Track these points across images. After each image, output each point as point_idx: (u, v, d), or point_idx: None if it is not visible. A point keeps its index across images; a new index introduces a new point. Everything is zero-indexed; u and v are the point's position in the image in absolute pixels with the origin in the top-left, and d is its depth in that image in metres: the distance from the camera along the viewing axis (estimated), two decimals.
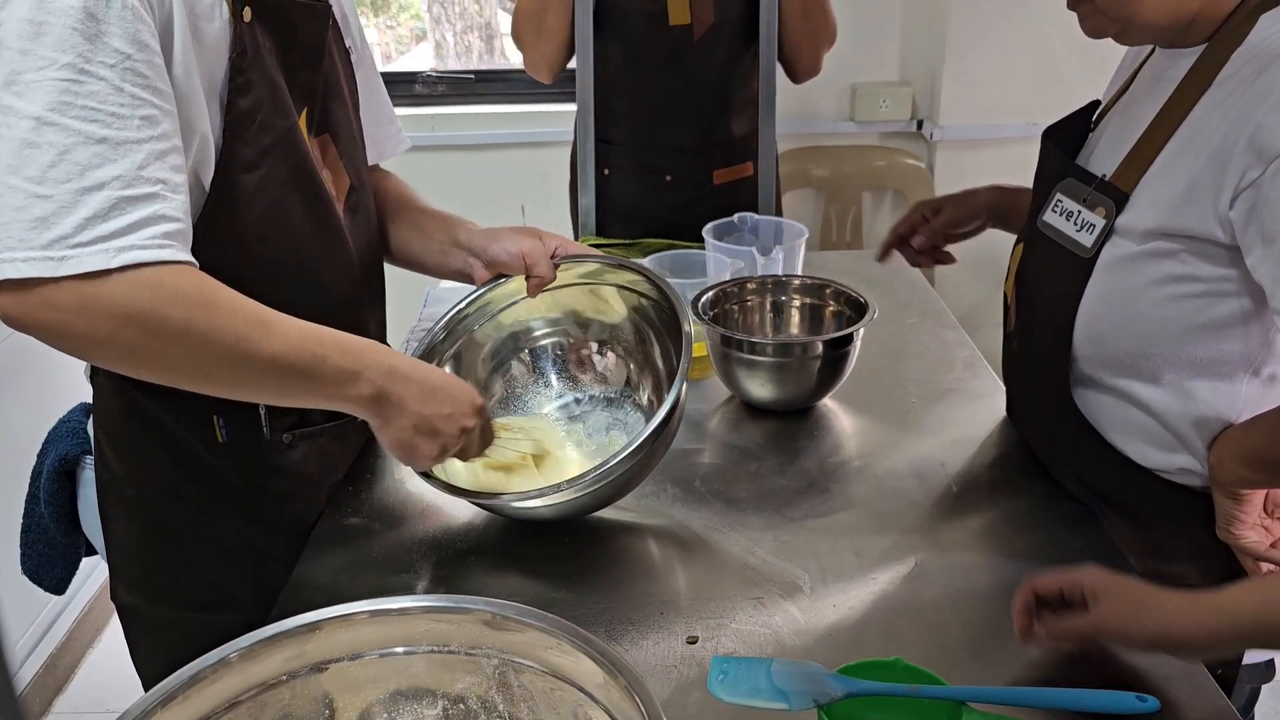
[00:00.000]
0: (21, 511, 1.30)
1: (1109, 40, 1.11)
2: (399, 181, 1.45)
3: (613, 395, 1.40)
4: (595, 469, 1.11)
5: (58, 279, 0.88)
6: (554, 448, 1.31)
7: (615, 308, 1.37)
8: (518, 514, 1.21)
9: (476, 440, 1.15)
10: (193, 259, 0.96)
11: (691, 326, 1.22)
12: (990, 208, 1.49)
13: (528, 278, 1.31)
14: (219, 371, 0.98)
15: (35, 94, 0.88)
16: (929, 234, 1.51)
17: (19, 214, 0.88)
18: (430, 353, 1.33)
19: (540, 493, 1.14)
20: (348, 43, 1.26)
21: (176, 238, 0.94)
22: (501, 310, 1.38)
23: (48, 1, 0.88)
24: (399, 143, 1.44)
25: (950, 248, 1.56)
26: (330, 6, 1.19)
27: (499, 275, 1.33)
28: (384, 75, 3.49)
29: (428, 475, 1.17)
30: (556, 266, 1.31)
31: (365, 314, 1.27)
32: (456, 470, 1.24)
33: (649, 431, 1.12)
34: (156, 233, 0.92)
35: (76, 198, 0.88)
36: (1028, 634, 0.95)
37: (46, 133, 0.88)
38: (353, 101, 1.26)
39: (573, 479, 1.12)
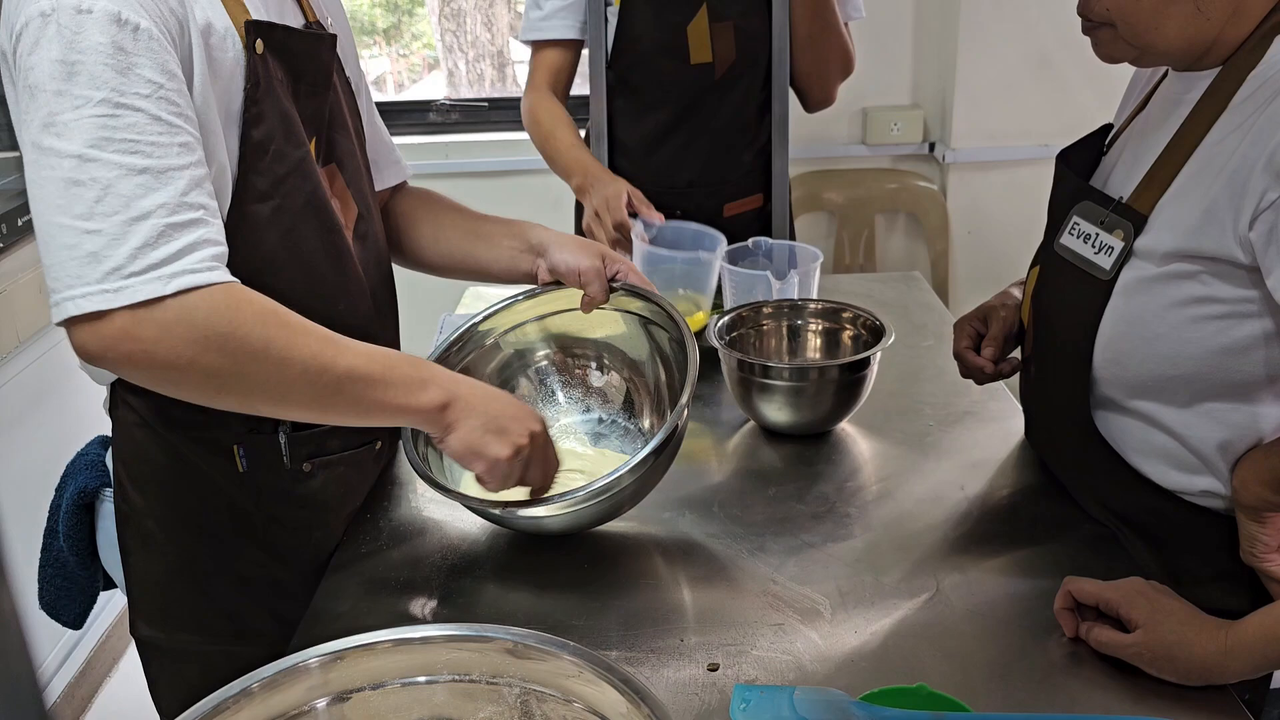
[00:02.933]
0: (40, 546, 1.30)
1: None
2: (439, 195, 1.47)
3: (616, 416, 1.42)
4: (594, 482, 1.13)
5: (124, 308, 0.89)
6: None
7: (622, 330, 1.40)
8: (523, 525, 1.22)
9: (543, 455, 1.12)
10: (237, 280, 0.96)
11: (697, 349, 1.23)
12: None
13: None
14: (297, 388, 0.98)
15: (74, 133, 0.89)
16: (995, 344, 1.35)
17: (71, 252, 0.89)
18: (441, 362, 1.35)
19: (535, 502, 1.15)
20: (348, 73, 1.28)
21: (222, 260, 0.96)
22: (511, 330, 1.41)
23: (77, 40, 0.90)
24: (399, 171, 1.45)
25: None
26: (335, 36, 1.20)
27: (556, 281, 1.36)
28: (397, 103, 3.52)
29: (437, 484, 1.18)
30: (614, 290, 1.33)
31: (379, 340, 1.27)
32: (466, 484, 1.26)
33: (649, 449, 1.13)
34: (205, 256, 0.93)
35: (125, 229, 0.89)
36: (1074, 635, 1.04)
37: (89, 169, 0.89)
38: (356, 131, 1.28)
39: (571, 490, 1.13)
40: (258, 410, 1.02)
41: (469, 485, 1.25)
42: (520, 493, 1.18)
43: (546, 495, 1.15)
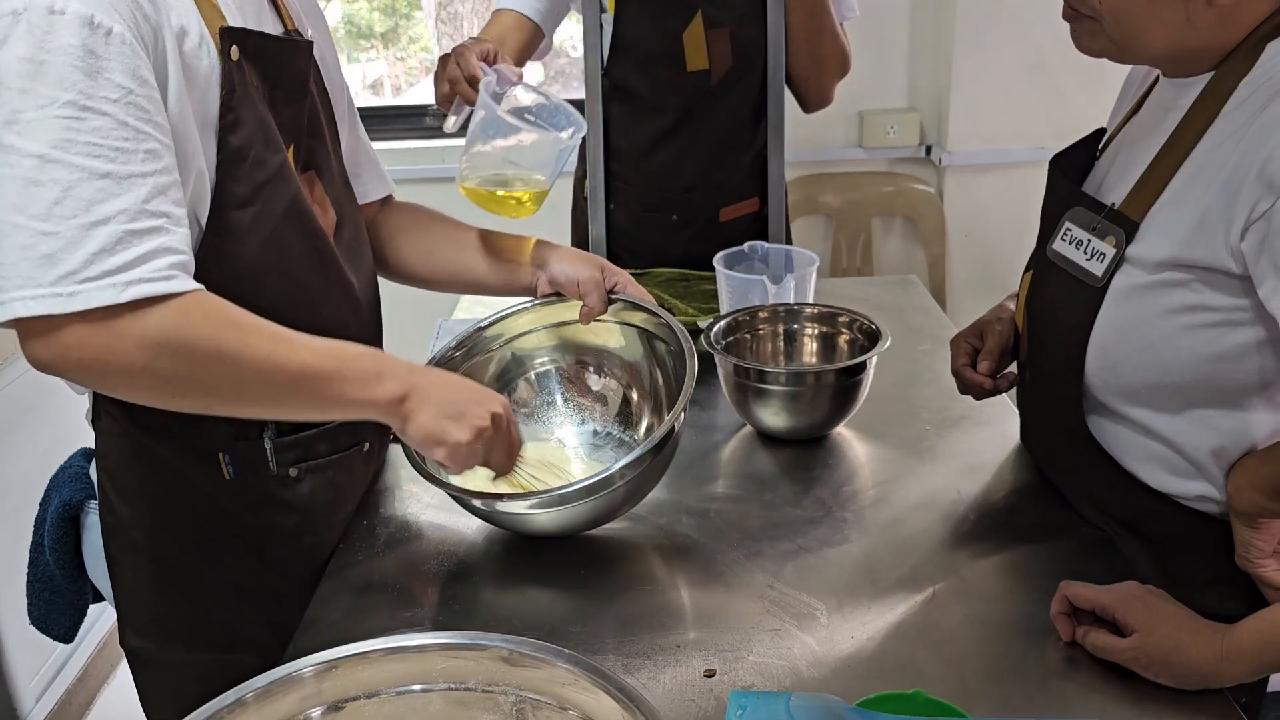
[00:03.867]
0: (27, 561, 1.29)
1: (1114, 64, 1.12)
2: (428, 209, 1.47)
3: (613, 427, 1.42)
4: (589, 477, 1.13)
5: (74, 315, 0.88)
6: (564, 466, 1.33)
7: (620, 341, 1.40)
8: (517, 524, 1.22)
9: (506, 436, 1.13)
10: (200, 285, 0.96)
11: (695, 359, 1.24)
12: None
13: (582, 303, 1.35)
14: (252, 389, 0.99)
15: (37, 132, 0.88)
16: (991, 358, 1.35)
17: (26, 252, 0.88)
18: (442, 367, 1.36)
19: (535, 495, 1.15)
20: (326, 82, 1.27)
21: (181, 268, 0.95)
22: (513, 339, 1.41)
23: (47, 40, 0.89)
24: (384, 185, 1.45)
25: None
26: (312, 43, 1.20)
27: (556, 292, 1.37)
28: (394, 108, 3.49)
29: (432, 477, 1.18)
30: (612, 302, 1.35)
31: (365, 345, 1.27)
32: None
33: (647, 447, 1.14)
34: (164, 264, 0.93)
35: (83, 233, 0.89)
36: (1071, 639, 1.04)
37: (50, 170, 0.88)
38: (333, 139, 1.27)
39: (566, 485, 1.14)
40: (215, 411, 1.02)
41: (464, 481, 1.25)
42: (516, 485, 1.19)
43: (541, 490, 1.16)
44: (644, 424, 1.39)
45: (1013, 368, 1.37)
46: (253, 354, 0.97)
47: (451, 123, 1.45)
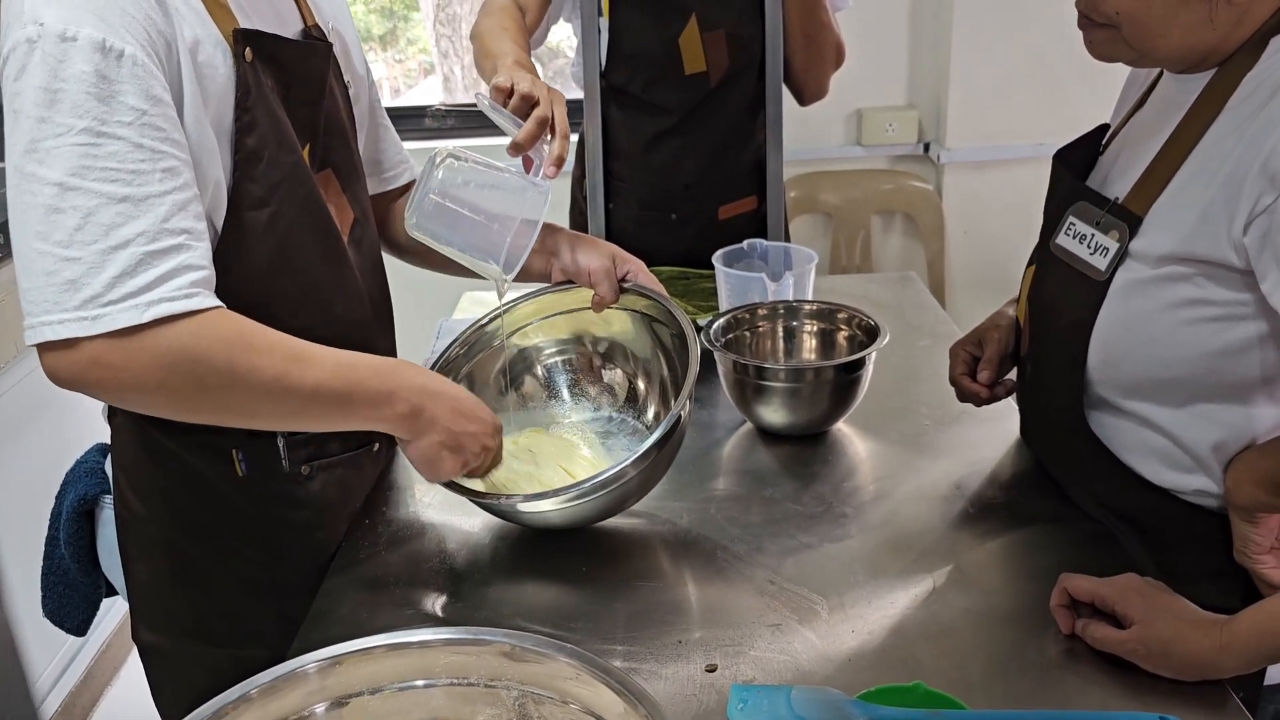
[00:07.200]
0: (42, 554, 1.30)
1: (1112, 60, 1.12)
2: None
3: (623, 413, 1.43)
4: (599, 474, 1.14)
5: (98, 336, 0.91)
6: (561, 462, 1.34)
7: (627, 328, 1.40)
8: (525, 519, 1.23)
9: (490, 460, 1.19)
10: (220, 302, 0.98)
11: (699, 347, 1.25)
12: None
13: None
14: (264, 407, 1.02)
15: (56, 160, 0.91)
16: (990, 366, 1.36)
17: (51, 278, 0.91)
18: (447, 367, 1.36)
19: (542, 495, 1.17)
20: (347, 78, 1.28)
21: (203, 284, 0.97)
22: (517, 330, 1.42)
23: (61, 68, 0.91)
24: (410, 171, 1.47)
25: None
26: (331, 45, 1.20)
27: (568, 280, 1.37)
28: (393, 109, 3.51)
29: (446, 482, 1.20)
30: (624, 291, 1.35)
31: (377, 343, 1.28)
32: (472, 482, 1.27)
33: (652, 441, 1.15)
34: (184, 283, 0.95)
35: (104, 257, 0.91)
36: (1070, 631, 1.04)
37: (70, 197, 0.91)
38: (353, 135, 1.28)
39: (575, 483, 1.15)
40: (229, 424, 1.06)
41: (474, 480, 1.26)
42: (523, 486, 1.21)
43: (554, 489, 1.17)
44: (651, 411, 1.40)
45: (1012, 375, 1.38)
46: (263, 376, 0.99)
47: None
